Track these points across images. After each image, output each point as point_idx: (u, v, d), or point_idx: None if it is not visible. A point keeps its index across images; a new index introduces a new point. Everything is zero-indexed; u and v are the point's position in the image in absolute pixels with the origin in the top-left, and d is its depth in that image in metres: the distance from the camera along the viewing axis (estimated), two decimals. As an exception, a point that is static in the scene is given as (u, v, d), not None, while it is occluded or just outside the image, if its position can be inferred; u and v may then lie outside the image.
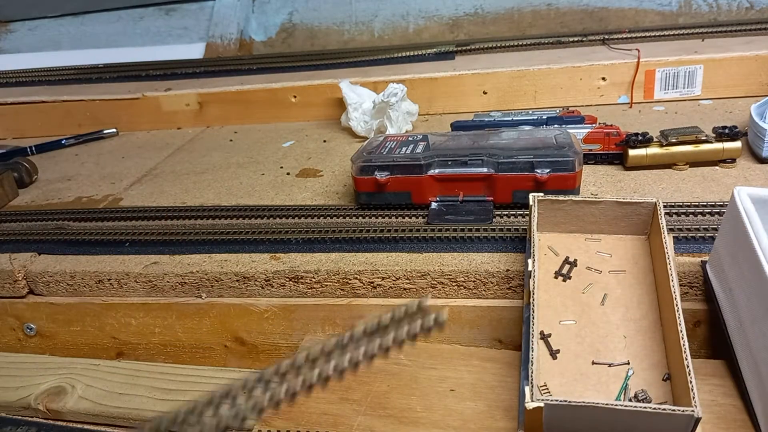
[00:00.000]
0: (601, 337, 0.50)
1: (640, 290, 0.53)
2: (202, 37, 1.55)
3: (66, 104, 1.23)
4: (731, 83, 1.00)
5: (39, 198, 0.95)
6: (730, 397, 0.48)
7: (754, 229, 0.46)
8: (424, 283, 0.63)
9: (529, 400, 0.41)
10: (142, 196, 0.90)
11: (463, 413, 0.51)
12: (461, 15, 1.46)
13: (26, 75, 1.42)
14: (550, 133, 0.76)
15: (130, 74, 1.36)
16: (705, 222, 0.64)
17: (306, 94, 1.15)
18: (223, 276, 0.67)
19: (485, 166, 0.70)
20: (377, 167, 0.72)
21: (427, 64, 1.19)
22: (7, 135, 1.27)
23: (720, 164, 0.77)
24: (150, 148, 1.12)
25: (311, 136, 1.08)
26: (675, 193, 0.71)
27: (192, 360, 0.71)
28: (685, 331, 0.43)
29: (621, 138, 0.79)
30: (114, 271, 0.70)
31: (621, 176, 0.77)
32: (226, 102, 1.18)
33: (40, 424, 0.63)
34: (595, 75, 1.04)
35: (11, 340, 0.75)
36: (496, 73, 1.07)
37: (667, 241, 0.51)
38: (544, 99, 1.06)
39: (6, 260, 0.73)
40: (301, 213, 0.77)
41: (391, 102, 0.98)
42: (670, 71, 1.01)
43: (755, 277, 0.44)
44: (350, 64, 1.25)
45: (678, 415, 0.38)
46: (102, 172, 1.03)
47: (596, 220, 0.58)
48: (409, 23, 1.48)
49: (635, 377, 0.46)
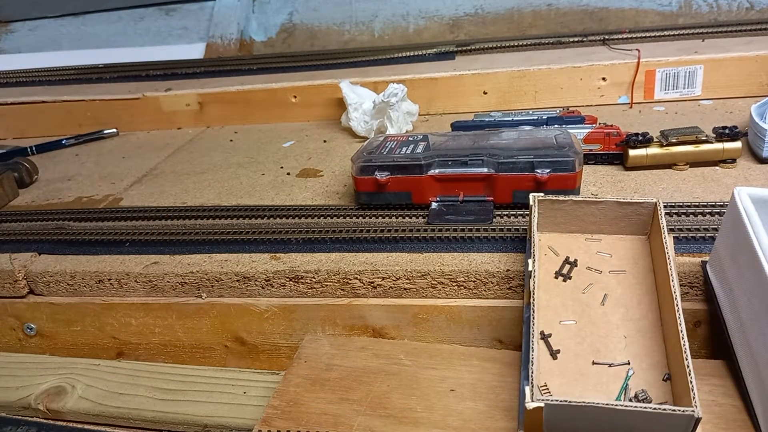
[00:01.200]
0: (601, 337, 0.50)
1: (640, 290, 0.53)
2: (202, 37, 1.55)
3: (66, 104, 1.23)
4: (731, 83, 1.00)
5: (39, 198, 0.95)
6: (730, 397, 0.48)
7: (754, 229, 0.46)
8: (425, 283, 0.63)
9: (529, 400, 0.41)
10: (143, 196, 0.90)
11: (463, 413, 0.51)
12: (461, 15, 1.46)
13: (26, 75, 1.42)
14: (550, 133, 0.76)
15: (130, 74, 1.36)
16: (705, 222, 0.64)
17: (306, 94, 1.15)
18: (223, 276, 0.67)
19: (485, 166, 0.70)
20: (377, 167, 0.72)
21: (428, 65, 1.19)
22: (7, 135, 1.27)
23: (720, 164, 0.77)
24: (150, 148, 1.12)
25: (311, 136, 1.08)
26: (675, 194, 0.71)
27: (192, 360, 0.71)
28: (685, 331, 0.43)
29: (621, 138, 0.79)
30: (114, 271, 0.70)
31: (621, 176, 0.77)
32: (226, 102, 1.18)
33: (40, 424, 0.63)
34: (595, 75, 1.04)
35: (11, 340, 0.75)
36: (496, 73, 1.07)
37: (667, 242, 0.51)
38: (544, 99, 1.06)
39: (6, 260, 0.73)
40: (301, 213, 0.77)
41: (391, 102, 0.98)
42: (671, 71, 1.01)
43: (755, 277, 0.44)
44: (350, 64, 1.25)
45: (678, 415, 0.38)
46: (102, 172, 1.03)
47: (596, 220, 0.58)
48: (410, 23, 1.48)
49: (635, 377, 0.46)
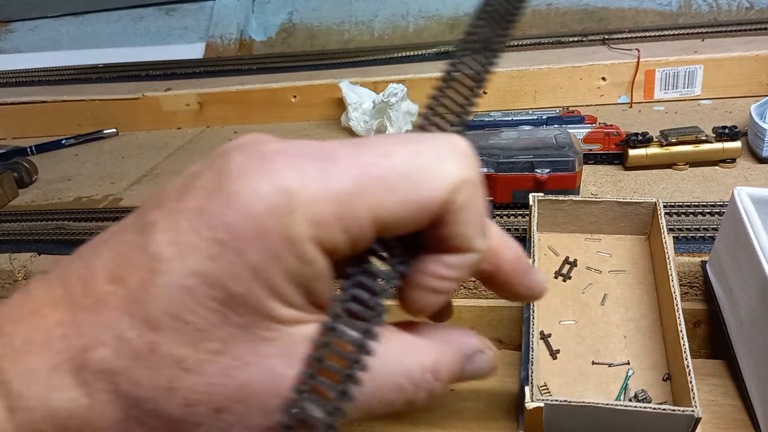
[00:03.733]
0: (601, 337, 0.50)
1: (640, 290, 0.53)
2: (202, 37, 1.55)
3: (66, 104, 1.23)
4: (731, 83, 1.00)
5: (39, 198, 0.95)
6: (730, 397, 0.48)
7: (754, 229, 0.45)
8: (424, 283, 0.63)
9: (529, 400, 0.41)
10: (142, 196, 0.90)
11: (463, 413, 0.51)
12: (461, 15, 1.46)
13: (26, 75, 1.42)
14: (550, 133, 0.76)
15: (130, 74, 1.36)
16: (705, 222, 0.64)
17: (306, 94, 1.15)
18: (223, 276, 0.67)
19: (485, 166, 0.70)
20: (377, 167, 0.72)
21: (428, 64, 1.18)
22: (7, 135, 1.27)
23: (720, 164, 0.77)
24: (150, 148, 1.12)
25: (311, 136, 1.08)
26: (675, 193, 0.71)
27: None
28: (685, 331, 0.43)
29: (621, 138, 0.79)
30: (114, 271, 0.70)
31: (621, 176, 0.77)
32: (226, 102, 1.18)
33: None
34: (595, 75, 1.04)
35: (11, 340, 0.75)
36: (496, 72, 1.07)
37: (667, 241, 0.51)
38: (544, 99, 1.06)
39: (6, 260, 0.73)
40: (301, 213, 0.77)
41: (391, 102, 0.98)
42: (670, 71, 1.01)
43: (755, 277, 0.44)
44: (350, 64, 1.25)
45: (678, 415, 0.38)
46: (102, 172, 1.03)
47: (596, 220, 0.58)
48: (410, 23, 1.48)
49: (635, 377, 0.46)
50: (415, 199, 0.20)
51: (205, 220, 0.19)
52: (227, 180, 0.20)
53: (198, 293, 0.19)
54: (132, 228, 0.21)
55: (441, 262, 0.23)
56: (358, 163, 0.20)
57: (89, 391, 0.19)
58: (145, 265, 0.19)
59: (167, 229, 0.19)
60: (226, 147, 0.21)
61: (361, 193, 0.20)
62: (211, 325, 0.19)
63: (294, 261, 0.20)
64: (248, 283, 0.19)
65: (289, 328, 0.20)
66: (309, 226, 0.19)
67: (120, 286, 0.20)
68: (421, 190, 0.21)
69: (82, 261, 0.21)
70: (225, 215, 0.19)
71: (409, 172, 0.21)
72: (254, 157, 0.20)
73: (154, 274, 0.19)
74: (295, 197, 0.19)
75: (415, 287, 0.23)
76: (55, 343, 0.19)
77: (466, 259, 0.23)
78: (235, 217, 0.19)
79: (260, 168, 0.20)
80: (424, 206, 0.21)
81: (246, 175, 0.20)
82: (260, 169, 0.20)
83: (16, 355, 0.19)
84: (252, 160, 0.20)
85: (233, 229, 0.19)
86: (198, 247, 0.19)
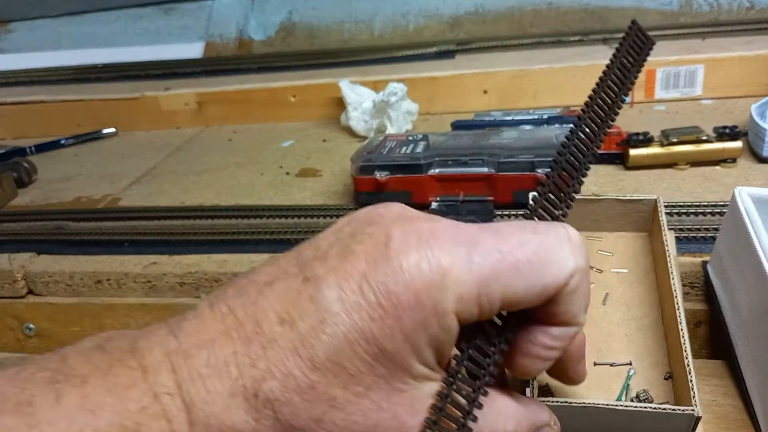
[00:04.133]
0: (602, 337, 0.49)
1: (641, 289, 0.53)
2: (201, 36, 1.55)
3: (65, 104, 1.23)
4: (732, 83, 1.00)
5: (38, 198, 0.95)
6: (731, 397, 0.48)
7: (754, 229, 0.45)
8: (424, 283, 0.62)
9: (530, 401, 0.41)
10: (142, 196, 0.90)
11: (464, 413, 0.51)
12: (462, 14, 1.46)
13: (26, 75, 1.42)
14: (550, 132, 0.76)
15: (129, 74, 1.36)
16: (706, 222, 0.64)
17: (306, 93, 1.15)
18: (222, 276, 0.67)
19: (486, 165, 0.70)
20: (377, 167, 0.72)
21: (428, 63, 1.18)
22: (6, 135, 1.26)
23: (721, 164, 0.76)
24: (149, 148, 1.12)
25: (311, 135, 1.08)
26: (676, 193, 0.71)
27: (191, 360, 0.71)
28: (686, 331, 0.43)
29: (622, 138, 0.79)
30: (113, 272, 0.70)
31: (622, 176, 0.77)
32: (225, 101, 1.18)
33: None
34: (596, 74, 1.01)
35: (10, 341, 0.75)
36: (496, 72, 1.07)
37: (667, 239, 0.51)
38: (544, 98, 1.06)
39: (5, 260, 0.73)
40: (300, 213, 0.77)
41: (391, 101, 0.98)
42: (671, 71, 1.00)
43: (756, 277, 0.44)
44: (350, 64, 1.25)
45: (678, 414, 0.38)
46: (101, 172, 1.02)
47: (597, 218, 0.58)
48: (410, 22, 1.48)
49: (637, 376, 0.46)
50: (540, 284, 0.25)
51: (370, 286, 0.23)
52: (390, 253, 0.24)
53: (357, 346, 0.23)
54: (295, 276, 0.25)
55: (548, 333, 0.27)
56: (497, 250, 0.25)
57: (257, 416, 0.23)
58: (316, 315, 0.23)
59: (336, 286, 0.23)
60: (378, 215, 0.26)
61: (497, 277, 0.24)
62: (360, 372, 0.23)
63: (438, 329, 0.24)
64: (399, 344, 0.23)
65: (418, 383, 0.25)
66: (455, 302, 0.24)
67: (289, 328, 0.23)
68: (545, 277, 0.25)
69: (249, 299, 0.25)
70: (388, 284, 0.23)
71: (537, 261, 0.25)
72: (411, 233, 0.24)
73: (323, 324, 0.23)
74: (448, 277, 0.23)
75: (525, 355, 0.28)
76: (232, 370, 0.23)
77: (569, 332, 0.27)
78: (397, 287, 0.23)
79: (418, 246, 0.24)
80: (546, 289, 0.25)
81: (406, 251, 0.24)
82: (418, 247, 0.24)
83: (200, 377, 0.23)
84: (410, 236, 0.24)
85: (394, 297, 0.23)
86: (362, 307, 0.23)
